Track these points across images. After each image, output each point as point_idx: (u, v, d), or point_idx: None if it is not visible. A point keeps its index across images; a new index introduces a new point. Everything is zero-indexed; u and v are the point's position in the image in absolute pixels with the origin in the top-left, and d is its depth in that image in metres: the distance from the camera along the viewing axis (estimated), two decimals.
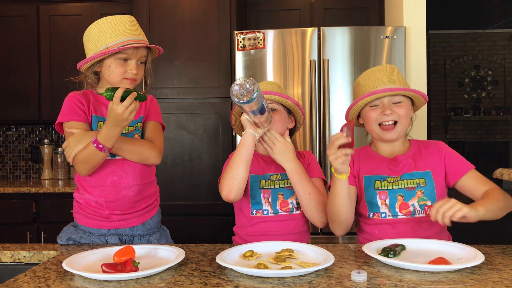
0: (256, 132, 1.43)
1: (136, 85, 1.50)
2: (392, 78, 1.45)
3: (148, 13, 2.81)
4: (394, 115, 1.43)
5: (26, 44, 3.16)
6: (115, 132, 1.32)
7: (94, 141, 1.33)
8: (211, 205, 2.76)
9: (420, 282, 1.00)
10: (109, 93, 1.27)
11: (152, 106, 1.59)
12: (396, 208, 1.43)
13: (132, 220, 1.50)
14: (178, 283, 1.02)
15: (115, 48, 1.38)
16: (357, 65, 2.60)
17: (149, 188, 1.55)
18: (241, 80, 1.21)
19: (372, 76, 1.47)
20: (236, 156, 1.44)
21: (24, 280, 1.06)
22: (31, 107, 3.16)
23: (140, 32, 1.46)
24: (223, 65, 2.80)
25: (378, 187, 1.46)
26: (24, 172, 3.57)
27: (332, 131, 2.60)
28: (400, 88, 1.43)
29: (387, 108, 1.43)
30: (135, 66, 1.44)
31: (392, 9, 2.96)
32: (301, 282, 1.01)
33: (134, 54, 1.43)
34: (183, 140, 2.78)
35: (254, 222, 1.53)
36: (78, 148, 1.38)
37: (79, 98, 1.48)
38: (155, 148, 1.49)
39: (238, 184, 1.42)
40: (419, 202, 1.43)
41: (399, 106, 1.44)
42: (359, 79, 1.52)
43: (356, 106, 1.48)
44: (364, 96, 1.44)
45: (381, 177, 1.47)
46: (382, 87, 1.44)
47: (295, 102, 1.56)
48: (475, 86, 8.27)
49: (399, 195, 1.44)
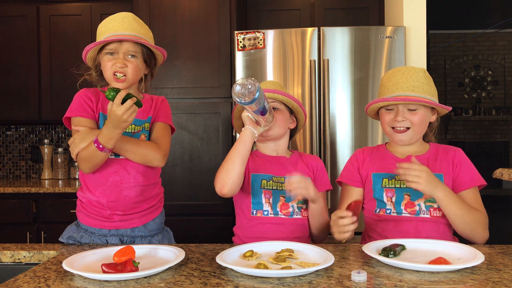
0: (255, 130, 1.42)
1: (129, 82, 1.47)
2: (411, 84, 1.43)
3: (148, 13, 2.81)
4: (406, 122, 1.44)
5: (26, 44, 3.15)
6: (115, 133, 1.32)
7: (95, 141, 1.34)
8: (211, 205, 2.76)
9: (420, 282, 1.00)
10: (111, 94, 1.28)
11: (162, 107, 1.58)
12: (402, 206, 1.45)
13: (134, 221, 1.50)
14: (178, 283, 1.02)
15: (95, 42, 1.43)
16: (357, 65, 2.60)
17: (153, 189, 1.54)
18: (243, 80, 1.21)
19: (393, 78, 1.47)
20: (233, 150, 1.42)
21: (24, 280, 1.06)
22: (31, 107, 3.16)
23: (130, 28, 1.45)
24: (223, 65, 2.80)
25: (385, 184, 1.48)
26: (24, 172, 3.57)
27: (332, 131, 2.61)
28: (414, 98, 1.41)
29: (400, 114, 1.44)
30: (120, 60, 1.44)
31: (392, 9, 2.96)
32: (301, 282, 1.01)
33: (119, 47, 1.44)
34: (183, 140, 2.78)
35: (253, 223, 1.53)
36: (82, 146, 1.38)
37: (89, 94, 1.49)
38: (160, 151, 1.47)
39: (232, 178, 1.40)
40: (426, 203, 1.44)
41: (413, 113, 1.44)
42: (384, 78, 1.52)
43: (374, 105, 1.51)
44: (378, 101, 1.47)
45: (390, 175, 1.48)
46: (399, 92, 1.43)
47: (298, 102, 1.55)
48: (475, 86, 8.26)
49: (406, 194, 1.45)
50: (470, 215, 1.36)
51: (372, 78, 2.59)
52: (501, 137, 8.15)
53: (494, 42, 8.15)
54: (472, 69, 8.26)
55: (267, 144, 1.61)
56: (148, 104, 1.55)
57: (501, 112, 8.08)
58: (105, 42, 1.43)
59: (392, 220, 1.45)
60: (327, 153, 2.58)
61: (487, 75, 8.23)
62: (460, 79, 8.28)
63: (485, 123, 8.16)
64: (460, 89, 8.30)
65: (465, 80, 8.28)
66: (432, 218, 1.42)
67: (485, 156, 7.79)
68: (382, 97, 1.48)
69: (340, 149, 2.61)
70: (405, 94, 1.42)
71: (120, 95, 1.27)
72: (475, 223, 1.37)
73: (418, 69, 1.46)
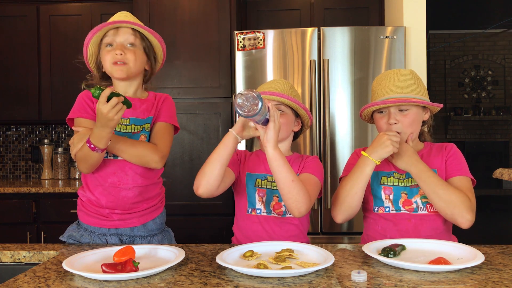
0: (239, 136, 1.37)
1: (130, 70, 1.46)
2: (400, 86, 1.45)
3: (148, 13, 2.81)
4: (398, 126, 1.45)
5: (26, 44, 3.16)
6: (104, 132, 1.30)
7: (88, 141, 1.33)
8: (211, 205, 2.76)
9: (420, 282, 1.00)
10: (97, 92, 1.26)
11: (164, 105, 1.55)
12: (400, 203, 1.47)
13: (132, 220, 1.49)
14: (178, 283, 1.02)
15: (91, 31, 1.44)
16: (357, 65, 2.60)
17: (152, 189, 1.53)
18: (246, 93, 1.18)
19: (382, 82, 1.49)
20: (213, 153, 1.39)
21: (24, 280, 1.06)
22: (31, 107, 3.16)
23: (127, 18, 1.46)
24: (223, 65, 2.80)
25: (384, 181, 1.50)
26: (24, 172, 3.57)
27: (332, 131, 2.60)
28: (402, 99, 1.43)
29: (392, 117, 1.45)
30: (118, 46, 1.44)
31: (392, 9, 2.96)
32: (301, 282, 1.01)
33: (116, 36, 1.45)
34: (183, 140, 2.78)
35: (248, 222, 1.53)
36: (79, 146, 1.38)
37: (90, 95, 1.49)
38: (157, 152, 1.44)
39: (207, 180, 1.37)
40: (422, 199, 1.45)
41: (405, 115, 1.45)
42: (373, 83, 1.54)
43: (367, 110, 1.52)
44: (369, 105, 1.49)
45: (388, 172, 1.50)
46: (388, 95, 1.45)
47: (305, 108, 1.53)
48: (475, 86, 8.26)
49: (403, 192, 1.47)
50: (449, 193, 1.36)
51: (372, 78, 2.59)
52: (501, 137, 8.15)
53: (494, 42, 8.16)
54: (472, 69, 8.26)
55: None
56: (150, 103, 1.53)
57: (501, 112, 8.09)
58: (101, 29, 1.43)
59: (391, 218, 1.47)
60: (327, 153, 2.58)
61: (487, 75, 8.23)
62: (460, 79, 8.28)
63: (485, 123, 8.16)
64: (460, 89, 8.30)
65: (465, 80, 8.28)
66: (430, 214, 1.44)
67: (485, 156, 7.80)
68: (373, 101, 1.50)
69: (340, 149, 2.61)
70: (394, 96, 1.44)
71: (105, 93, 1.25)
72: (455, 202, 1.35)
73: (405, 71, 1.48)
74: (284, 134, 1.54)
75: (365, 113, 1.55)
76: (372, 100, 1.53)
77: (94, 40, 1.48)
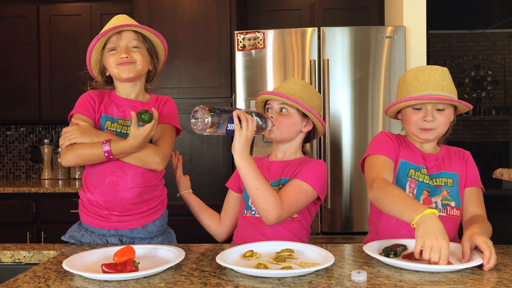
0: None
1: (138, 69, 1.47)
2: (441, 83, 1.40)
3: (148, 13, 2.81)
4: (434, 123, 1.41)
5: (26, 44, 3.16)
6: (131, 150, 1.39)
7: (107, 151, 1.36)
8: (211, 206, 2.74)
9: (420, 282, 1.00)
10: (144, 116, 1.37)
11: (165, 108, 1.56)
12: (420, 200, 1.43)
13: (131, 223, 1.48)
14: (178, 283, 1.02)
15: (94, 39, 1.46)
16: (357, 65, 2.60)
17: (153, 191, 1.52)
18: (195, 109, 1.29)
19: (421, 76, 1.42)
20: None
21: (24, 280, 1.06)
22: (31, 107, 3.16)
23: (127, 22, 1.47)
24: (223, 65, 2.80)
25: (411, 174, 1.45)
26: (24, 172, 3.57)
27: (332, 131, 2.60)
28: (447, 98, 1.38)
29: (429, 114, 1.40)
30: (123, 50, 1.45)
31: (392, 9, 2.96)
32: (301, 282, 1.01)
33: (119, 40, 1.46)
34: (183, 140, 2.78)
35: (244, 223, 1.53)
36: (79, 140, 1.38)
37: (93, 96, 1.50)
38: (159, 154, 1.45)
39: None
40: (443, 201, 1.43)
41: (441, 113, 1.42)
42: (407, 76, 1.46)
43: (398, 105, 1.45)
44: (409, 99, 1.40)
45: (417, 167, 1.46)
46: (429, 91, 1.39)
47: (306, 107, 1.48)
48: (475, 86, 8.26)
49: (425, 190, 1.44)
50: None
51: (372, 78, 2.59)
52: (501, 137, 8.15)
53: (494, 42, 8.15)
54: (472, 69, 8.26)
55: (278, 146, 1.59)
56: (151, 106, 1.52)
57: (501, 112, 8.08)
58: (104, 35, 1.44)
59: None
60: (327, 153, 2.58)
61: (487, 75, 8.23)
62: (460, 79, 8.28)
63: (485, 123, 8.16)
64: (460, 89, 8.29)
65: (465, 80, 8.28)
66: (447, 217, 1.41)
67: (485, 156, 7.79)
68: (409, 96, 1.42)
69: (340, 149, 2.61)
70: (436, 93, 1.39)
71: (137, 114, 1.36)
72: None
73: (442, 69, 1.44)
74: (286, 134, 1.52)
75: (396, 107, 1.46)
76: (405, 93, 1.44)
77: (97, 47, 1.48)
